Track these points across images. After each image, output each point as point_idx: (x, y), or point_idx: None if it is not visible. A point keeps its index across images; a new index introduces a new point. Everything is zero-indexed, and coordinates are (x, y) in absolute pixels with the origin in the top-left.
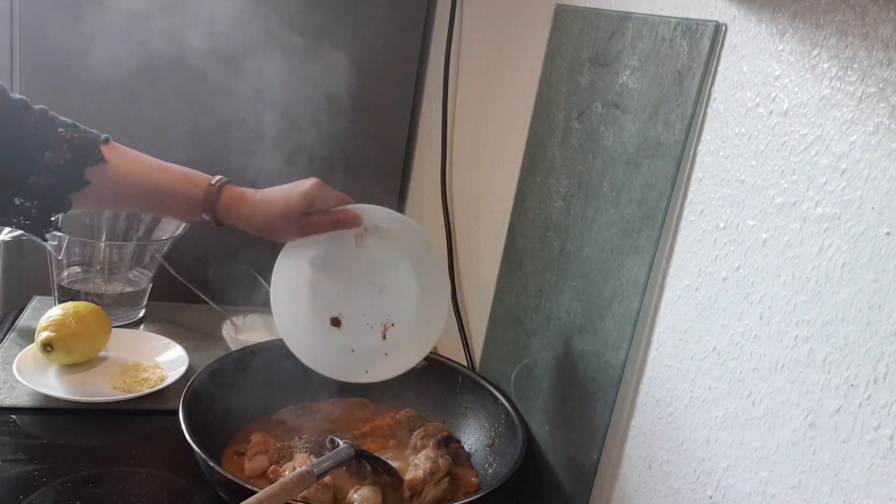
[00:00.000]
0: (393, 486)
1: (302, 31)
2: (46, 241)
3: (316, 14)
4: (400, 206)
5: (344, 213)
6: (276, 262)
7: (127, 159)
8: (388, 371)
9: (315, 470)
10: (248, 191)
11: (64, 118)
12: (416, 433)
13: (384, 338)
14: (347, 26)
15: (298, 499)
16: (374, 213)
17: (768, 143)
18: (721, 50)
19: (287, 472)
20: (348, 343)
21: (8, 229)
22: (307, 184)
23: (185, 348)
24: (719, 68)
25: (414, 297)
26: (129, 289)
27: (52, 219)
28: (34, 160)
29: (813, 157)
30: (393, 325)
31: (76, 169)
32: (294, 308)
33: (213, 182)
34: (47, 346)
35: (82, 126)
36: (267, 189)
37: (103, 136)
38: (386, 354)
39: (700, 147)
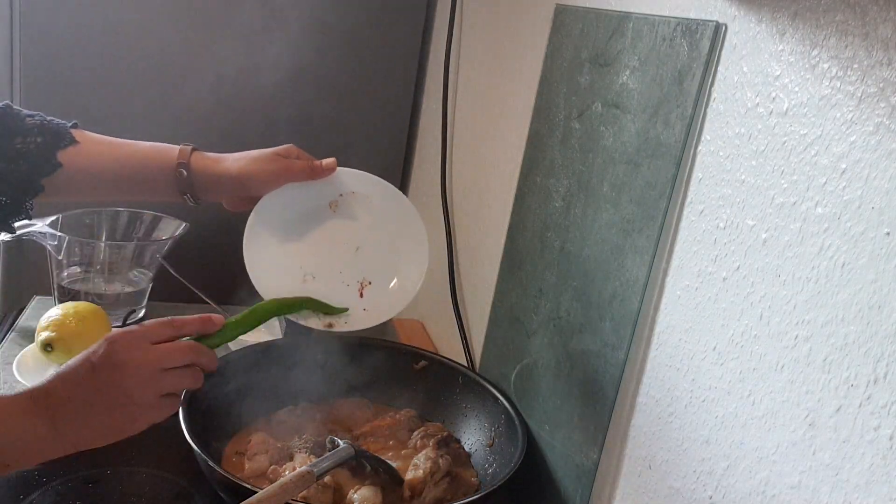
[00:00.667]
0: (393, 487)
1: (302, 31)
2: (14, 231)
3: (315, 14)
4: None
5: (320, 162)
6: (249, 219)
7: (98, 141)
8: (366, 321)
9: (315, 470)
10: (220, 155)
11: (30, 111)
12: (416, 433)
13: (361, 296)
14: (347, 26)
15: (298, 499)
16: (348, 177)
17: (768, 143)
18: (721, 50)
19: (287, 472)
20: (325, 298)
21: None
22: (280, 146)
23: None
24: (719, 68)
25: (391, 255)
26: (129, 289)
27: (24, 205)
28: (3, 148)
29: (813, 157)
30: (370, 283)
31: (47, 152)
32: (268, 264)
33: (183, 146)
34: (47, 346)
35: (50, 117)
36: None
37: (71, 122)
38: (364, 310)
39: (700, 147)
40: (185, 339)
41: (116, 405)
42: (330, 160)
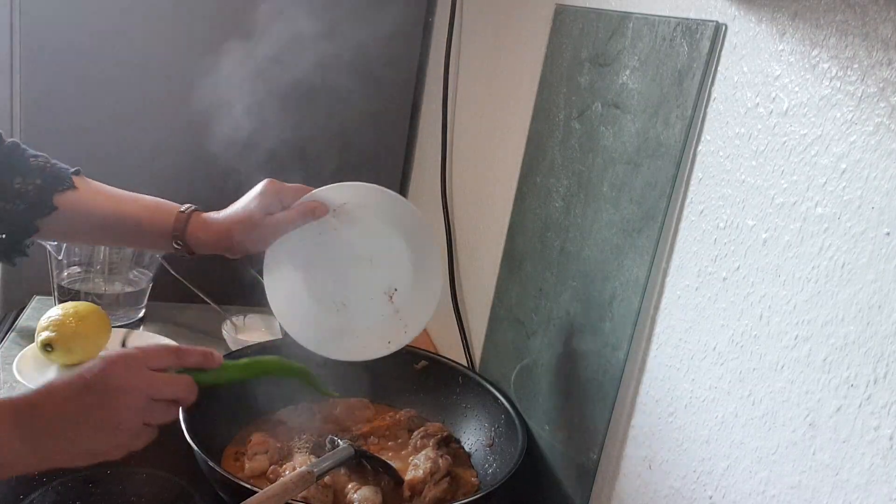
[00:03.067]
0: (393, 486)
1: (301, 31)
2: (15, 265)
3: (315, 14)
4: None
5: (307, 205)
6: (263, 277)
7: (97, 190)
8: (408, 336)
9: (315, 470)
10: (213, 213)
11: (36, 152)
12: (416, 433)
13: (392, 301)
14: (347, 26)
15: (298, 499)
16: (334, 193)
17: (768, 143)
18: (721, 50)
19: (287, 472)
20: (362, 322)
21: None
22: (259, 186)
23: None
24: (719, 68)
25: (405, 256)
26: (129, 289)
27: (23, 245)
28: (4, 188)
29: (813, 157)
30: (396, 289)
31: (45, 194)
32: (300, 312)
33: (182, 209)
34: (47, 346)
35: (54, 160)
36: (227, 208)
37: (74, 168)
38: (399, 319)
39: (700, 147)
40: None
41: (102, 428)
42: (315, 203)
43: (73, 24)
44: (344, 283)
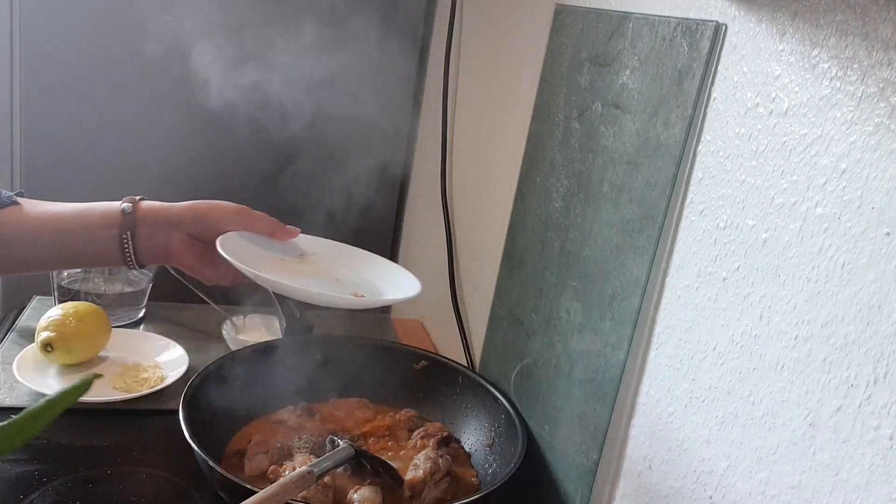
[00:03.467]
0: (393, 486)
1: (301, 31)
2: None
3: (315, 14)
4: (400, 206)
5: (283, 225)
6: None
7: (40, 204)
8: (376, 300)
9: (315, 470)
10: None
11: None
12: (416, 433)
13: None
14: (347, 26)
15: (298, 499)
16: (312, 241)
17: (768, 143)
18: (721, 50)
19: (287, 472)
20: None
21: None
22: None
23: (185, 348)
24: (719, 68)
25: (374, 272)
26: (129, 289)
27: None
28: None
29: (813, 157)
30: (363, 296)
31: None
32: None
33: (124, 206)
34: (47, 346)
35: None
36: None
37: (18, 191)
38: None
39: (700, 147)
40: None
41: None
42: (294, 228)
43: (73, 23)
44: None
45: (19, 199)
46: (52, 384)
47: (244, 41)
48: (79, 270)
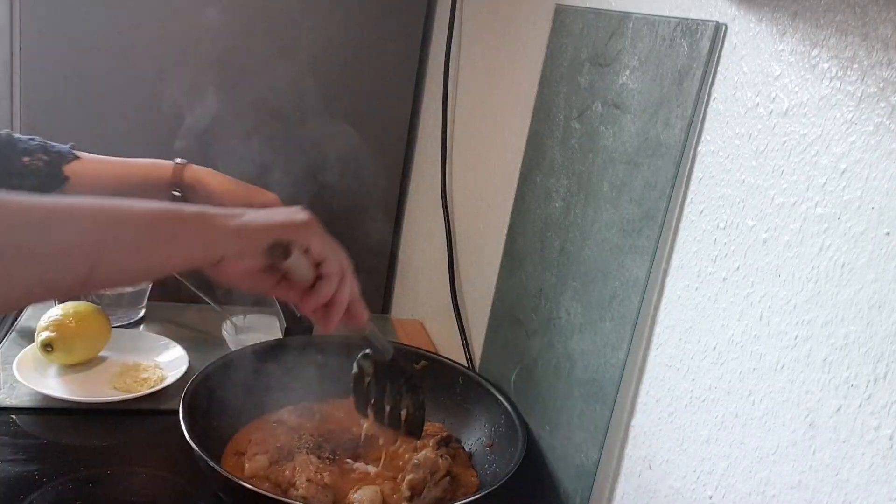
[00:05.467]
0: (393, 485)
1: (301, 31)
2: None
3: (315, 14)
4: (400, 206)
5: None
6: None
7: (97, 159)
8: None
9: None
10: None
11: (28, 135)
12: None
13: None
14: (347, 26)
15: (298, 499)
16: None
17: (768, 143)
18: (721, 50)
19: (286, 472)
20: None
21: None
22: (269, 195)
23: (185, 348)
24: (719, 68)
25: None
26: (129, 289)
27: None
28: (14, 166)
29: (813, 157)
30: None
31: (55, 168)
32: None
33: (178, 161)
34: (47, 346)
35: (50, 146)
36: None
37: (70, 144)
38: None
39: (700, 147)
40: None
41: None
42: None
43: (74, 24)
44: None
45: (78, 154)
46: (52, 384)
47: (245, 40)
48: None
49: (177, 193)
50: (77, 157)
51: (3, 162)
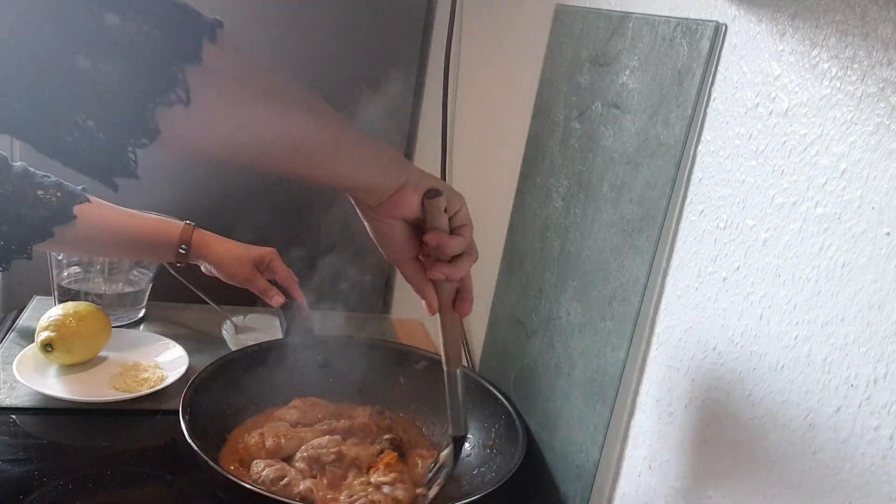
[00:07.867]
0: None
1: (302, 30)
2: (6, 270)
3: (315, 14)
4: None
5: (274, 292)
6: None
7: (107, 206)
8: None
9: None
10: (216, 237)
11: (44, 173)
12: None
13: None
14: (347, 26)
15: (298, 499)
16: None
17: (768, 143)
18: (721, 50)
19: (286, 472)
20: None
21: None
22: (266, 248)
23: (185, 348)
24: (719, 68)
25: None
26: (129, 289)
27: (28, 248)
28: (27, 196)
29: (813, 157)
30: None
31: (65, 204)
32: None
33: (188, 222)
34: (47, 346)
35: (65, 185)
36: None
37: (81, 195)
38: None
39: (700, 147)
40: None
41: None
42: (279, 298)
43: None
44: None
45: (90, 198)
46: (52, 384)
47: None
48: (79, 270)
49: (182, 251)
50: (88, 200)
51: (18, 192)
